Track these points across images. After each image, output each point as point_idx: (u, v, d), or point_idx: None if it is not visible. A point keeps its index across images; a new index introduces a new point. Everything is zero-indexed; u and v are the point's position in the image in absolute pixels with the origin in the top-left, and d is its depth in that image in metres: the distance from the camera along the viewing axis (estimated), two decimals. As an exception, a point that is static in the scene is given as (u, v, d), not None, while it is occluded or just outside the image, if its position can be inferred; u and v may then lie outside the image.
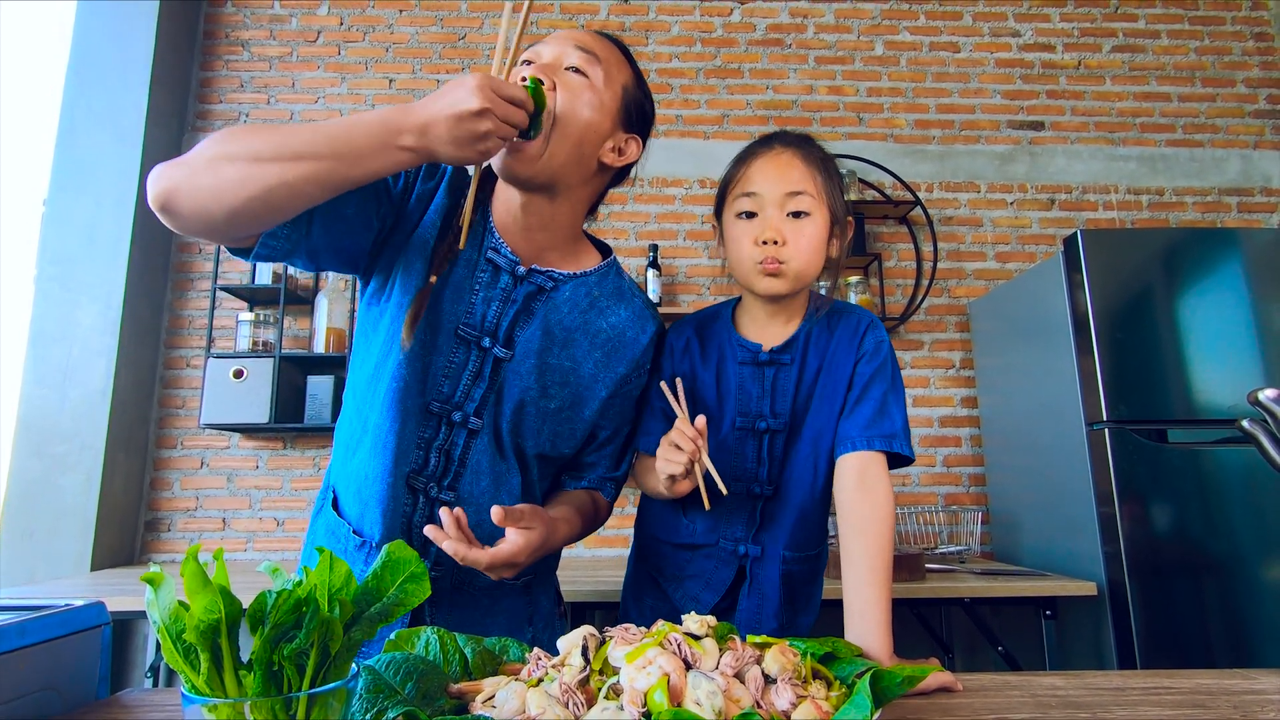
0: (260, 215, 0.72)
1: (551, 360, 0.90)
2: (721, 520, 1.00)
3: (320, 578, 0.50)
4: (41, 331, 2.40)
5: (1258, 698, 0.71)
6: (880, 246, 2.80)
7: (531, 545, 0.78)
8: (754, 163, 0.96)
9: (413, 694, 0.57)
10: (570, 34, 0.89)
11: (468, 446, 0.88)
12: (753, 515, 0.99)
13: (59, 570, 2.27)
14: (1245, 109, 2.95)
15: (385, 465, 0.85)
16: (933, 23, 2.97)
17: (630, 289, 0.98)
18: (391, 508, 0.86)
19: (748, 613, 1.00)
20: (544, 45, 0.88)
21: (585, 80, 0.85)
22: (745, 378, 1.00)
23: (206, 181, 0.69)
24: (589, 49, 0.86)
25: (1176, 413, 1.95)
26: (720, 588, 1.00)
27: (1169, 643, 1.82)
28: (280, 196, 0.70)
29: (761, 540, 0.99)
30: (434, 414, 0.87)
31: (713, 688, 0.53)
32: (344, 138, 0.71)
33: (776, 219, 0.93)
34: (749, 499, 0.99)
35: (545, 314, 0.90)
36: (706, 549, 1.01)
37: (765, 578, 1.00)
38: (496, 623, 0.92)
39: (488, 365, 0.88)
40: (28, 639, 0.66)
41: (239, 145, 0.70)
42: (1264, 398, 0.78)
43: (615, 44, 0.92)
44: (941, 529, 2.54)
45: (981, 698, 0.71)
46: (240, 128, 0.73)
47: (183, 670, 0.46)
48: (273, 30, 2.88)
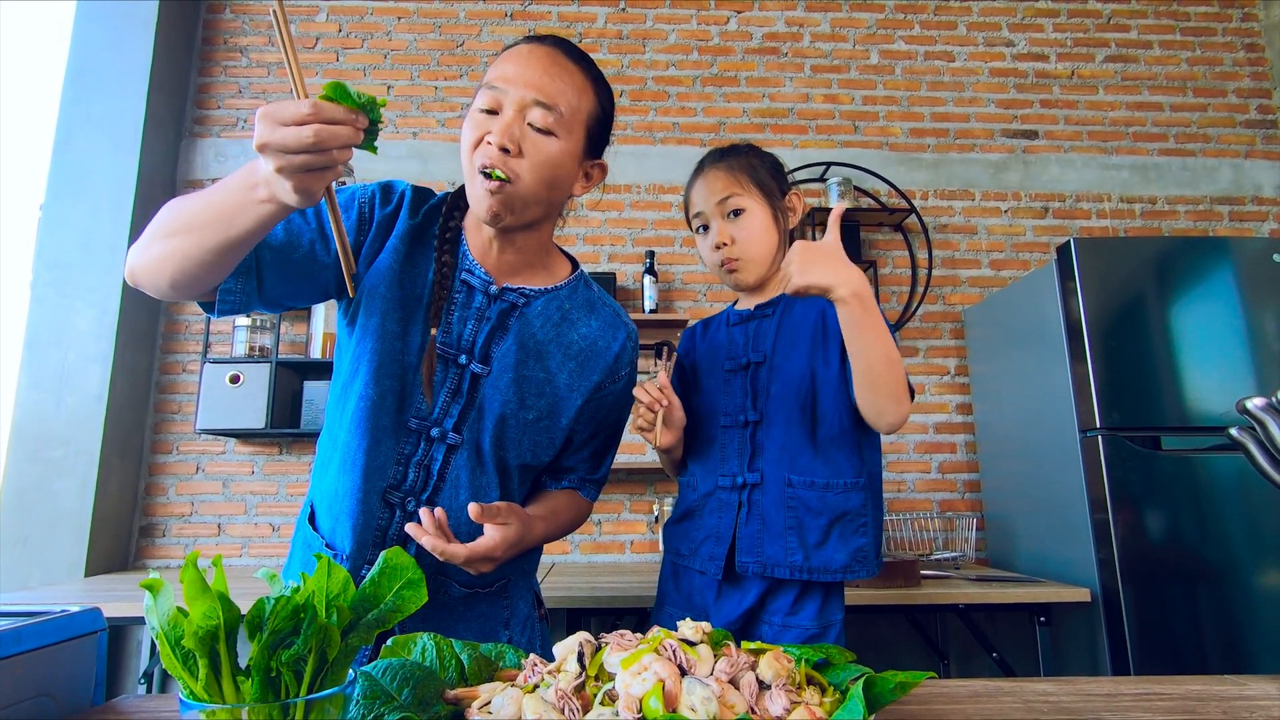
0: (189, 284, 0.77)
1: (527, 373, 0.92)
2: (716, 460, 1.09)
3: (318, 584, 0.51)
4: (37, 336, 2.40)
5: (1248, 704, 0.71)
6: (875, 254, 2.82)
7: (508, 540, 0.81)
8: (693, 186, 1.16)
9: (409, 700, 0.57)
10: (530, 78, 0.84)
11: (447, 461, 0.90)
12: (744, 445, 1.08)
13: (54, 576, 2.26)
14: (1236, 119, 2.98)
15: (354, 481, 0.87)
16: (928, 32, 3.00)
17: (600, 299, 1.01)
18: (362, 522, 0.87)
19: (747, 539, 1.04)
20: (506, 89, 0.84)
21: (550, 139, 0.85)
22: (735, 334, 1.16)
23: (144, 260, 0.77)
24: (550, 103, 0.84)
25: (1170, 420, 1.96)
26: (726, 533, 1.06)
27: (1163, 649, 1.83)
28: (189, 268, 0.75)
29: (759, 467, 1.06)
30: (412, 430, 0.89)
31: (707, 693, 0.53)
32: (216, 201, 0.72)
33: (720, 225, 1.11)
34: (740, 429, 1.09)
35: (519, 329, 0.93)
36: (709, 502, 1.09)
37: (766, 502, 1.05)
38: (470, 628, 0.92)
39: (465, 381, 0.90)
40: (23, 645, 0.66)
41: (158, 223, 0.76)
42: (1252, 406, 0.78)
43: (577, 64, 0.88)
44: (937, 535, 2.55)
45: (974, 704, 0.71)
46: (170, 202, 0.77)
47: (181, 676, 0.47)
48: (271, 36, 2.88)
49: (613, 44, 2.91)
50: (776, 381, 1.08)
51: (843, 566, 1.03)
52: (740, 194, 1.10)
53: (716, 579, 1.07)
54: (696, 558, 1.09)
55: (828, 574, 1.02)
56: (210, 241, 0.73)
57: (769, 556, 1.03)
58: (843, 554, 1.03)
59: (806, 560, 1.02)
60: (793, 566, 1.02)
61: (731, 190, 1.10)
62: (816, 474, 1.05)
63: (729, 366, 1.13)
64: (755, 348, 1.12)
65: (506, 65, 0.85)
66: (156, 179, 2.64)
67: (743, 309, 1.18)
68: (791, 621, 1.03)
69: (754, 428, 1.08)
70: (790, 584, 1.04)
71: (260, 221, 0.71)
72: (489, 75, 0.86)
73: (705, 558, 1.08)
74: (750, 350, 1.12)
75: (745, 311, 1.17)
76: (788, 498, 1.04)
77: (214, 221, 0.72)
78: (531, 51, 0.86)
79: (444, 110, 2.86)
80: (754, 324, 1.15)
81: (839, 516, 1.04)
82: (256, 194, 0.69)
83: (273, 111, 0.64)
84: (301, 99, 0.65)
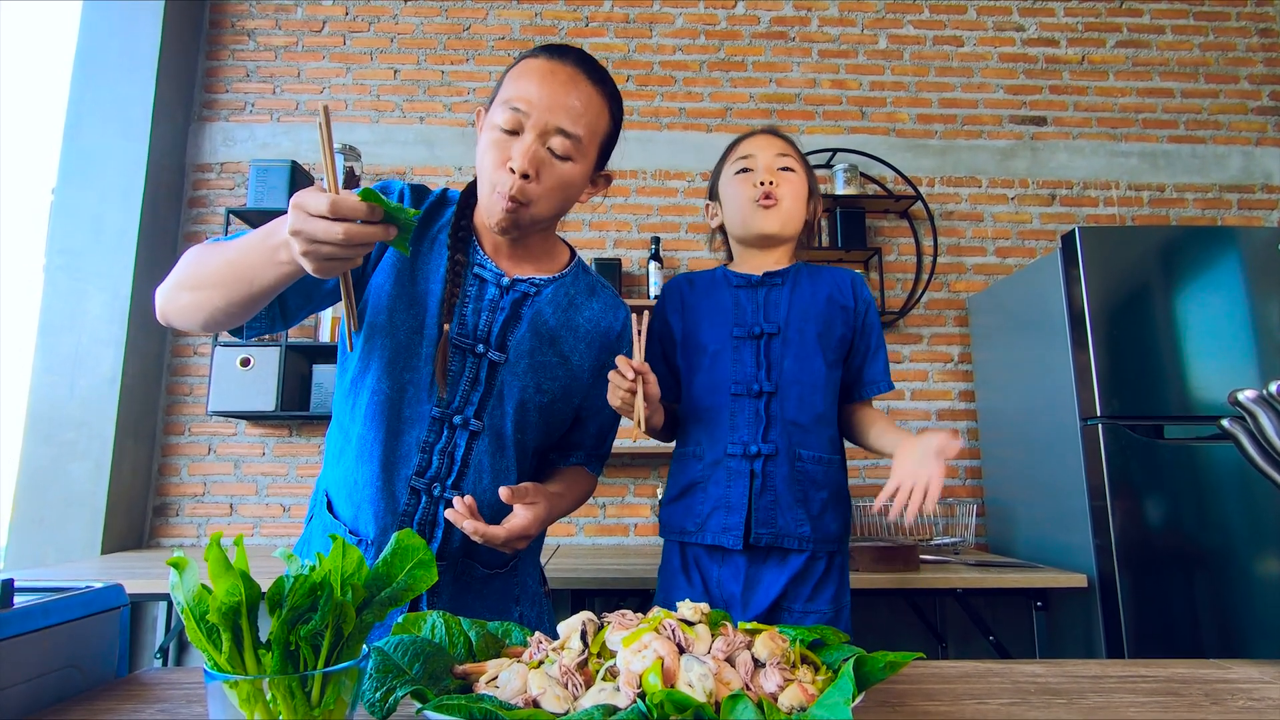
0: (219, 327, 0.84)
1: (542, 359, 0.97)
2: (725, 429, 1.10)
3: (334, 563, 0.53)
4: (51, 320, 2.43)
5: (1229, 686, 0.74)
6: (881, 241, 2.82)
7: (539, 518, 0.88)
8: (748, 140, 1.19)
9: (420, 674, 0.60)
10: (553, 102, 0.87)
11: (469, 448, 0.93)
12: (757, 415, 1.09)
13: (69, 555, 2.31)
14: (1248, 105, 2.96)
15: (374, 471, 0.91)
16: (937, 16, 2.97)
17: (598, 282, 1.06)
18: (385, 508, 0.91)
19: (763, 510, 1.07)
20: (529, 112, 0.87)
21: (568, 164, 0.90)
22: (740, 298, 1.16)
23: (175, 307, 0.83)
24: (572, 131, 0.88)
25: (1172, 409, 1.97)
26: (739, 503, 1.07)
27: (1157, 634, 1.86)
28: (218, 317, 0.81)
29: (772, 439, 1.08)
30: (435, 419, 0.92)
31: (704, 671, 0.55)
32: (239, 261, 0.77)
33: (770, 167, 1.14)
34: (753, 399, 1.10)
35: (532, 317, 0.97)
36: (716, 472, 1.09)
37: (777, 474, 1.07)
38: (487, 605, 0.97)
39: (483, 370, 0.94)
40: (51, 619, 0.69)
41: (184, 273, 0.82)
42: (1243, 398, 0.80)
43: (596, 85, 0.91)
44: (937, 520, 2.58)
45: (963, 684, 0.74)
46: (193, 251, 0.83)
47: (205, 649, 0.49)
48: (278, 20, 2.88)
49: (619, 28, 2.90)
50: (790, 356, 1.10)
51: (837, 536, 1.10)
52: (793, 160, 1.16)
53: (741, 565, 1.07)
54: (706, 531, 1.09)
55: (827, 544, 1.08)
56: (235, 296, 0.79)
57: (781, 527, 1.07)
58: (836, 525, 1.10)
59: (814, 532, 1.07)
60: (801, 538, 1.07)
61: (789, 152, 1.17)
62: (821, 449, 1.10)
63: (739, 334, 1.13)
64: (768, 317, 1.13)
65: (528, 85, 0.87)
66: (166, 163, 2.66)
67: (746, 273, 1.17)
68: (810, 608, 1.07)
69: (768, 399, 1.09)
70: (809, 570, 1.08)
71: (281, 280, 0.77)
72: (510, 92, 0.88)
73: (718, 530, 1.08)
74: (763, 319, 1.12)
75: (753, 277, 1.16)
76: (798, 471, 1.08)
77: (238, 280, 0.78)
78: (554, 72, 0.88)
79: (451, 95, 2.86)
80: (763, 291, 1.15)
81: (836, 490, 1.11)
82: (278, 256, 0.74)
83: (304, 202, 0.68)
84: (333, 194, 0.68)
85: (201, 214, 2.75)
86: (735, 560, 1.08)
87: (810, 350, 1.11)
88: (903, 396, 2.73)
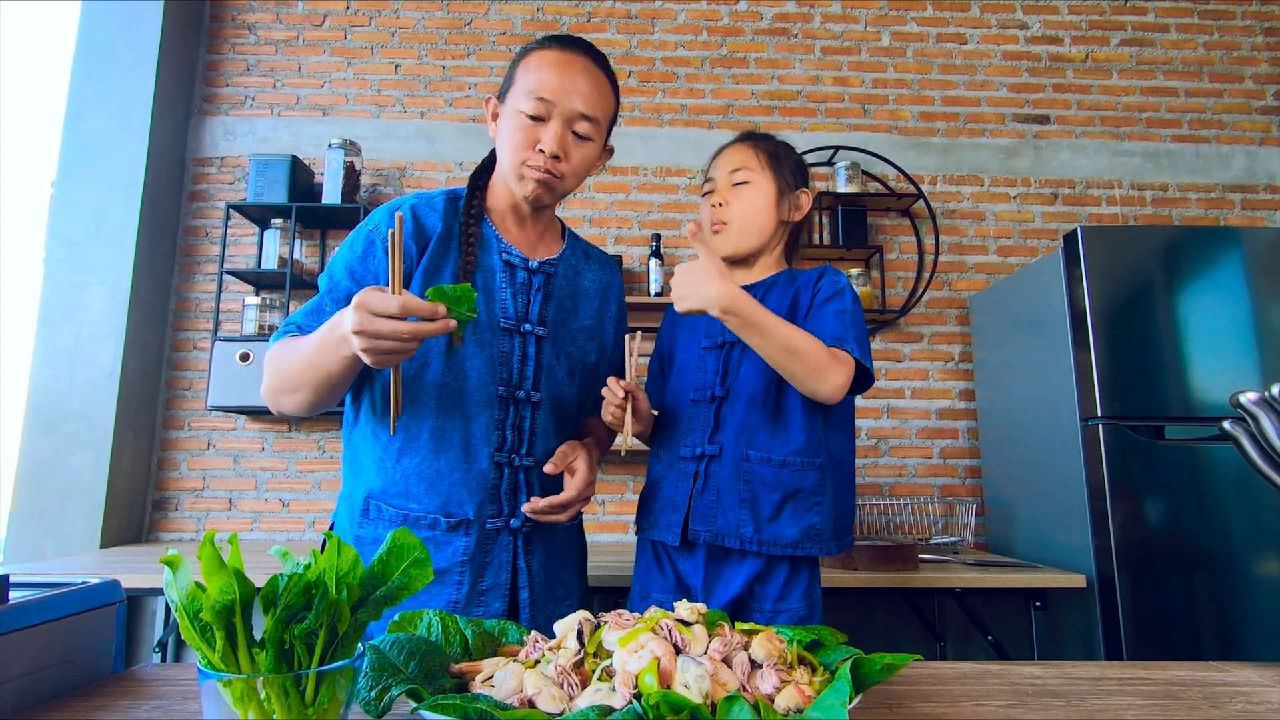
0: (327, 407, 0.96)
1: (574, 325, 1.10)
2: (681, 432, 1.15)
3: (329, 562, 0.53)
4: (50, 313, 2.43)
5: (1228, 689, 0.73)
6: (882, 239, 2.81)
7: (590, 473, 1.02)
8: (714, 160, 1.24)
9: (415, 673, 0.60)
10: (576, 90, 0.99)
11: (534, 418, 1.04)
12: (708, 419, 1.13)
13: (68, 548, 2.31)
14: (1253, 105, 2.94)
15: (458, 456, 0.99)
16: (940, 14, 2.96)
17: (589, 247, 1.20)
18: (477, 485, 0.99)
19: (702, 509, 1.08)
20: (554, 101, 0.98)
21: (589, 144, 1.03)
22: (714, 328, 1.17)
23: (284, 409, 0.97)
24: (593, 115, 1.01)
25: (1174, 409, 1.96)
26: (682, 503, 1.11)
27: (1156, 635, 1.86)
28: (319, 406, 0.95)
29: (719, 440, 1.11)
30: (502, 398, 1.01)
31: (701, 672, 0.55)
32: (313, 361, 0.89)
33: (724, 188, 1.19)
34: (708, 404, 1.14)
35: (557, 291, 1.09)
36: (670, 473, 1.15)
37: (720, 474, 1.09)
38: (565, 562, 1.10)
39: (530, 346, 1.04)
40: (47, 615, 0.69)
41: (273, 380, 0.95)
42: (1245, 400, 0.80)
43: (604, 72, 1.04)
44: (937, 520, 2.57)
45: (961, 685, 0.73)
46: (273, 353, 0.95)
47: (199, 647, 0.49)
48: (279, 14, 2.87)
49: (621, 23, 2.89)
50: (746, 361, 1.12)
51: (793, 542, 1.05)
52: (752, 170, 1.18)
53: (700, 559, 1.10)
54: (655, 528, 1.14)
55: (777, 548, 1.05)
56: (323, 391, 0.92)
57: (720, 526, 1.07)
58: (794, 530, 1.06)
59: (757, 533, 1.05)
60: (743, 538, 1.05)
61: (744, 164, 1.18)
62: (774, 450, 1.08)
63: (705, 344, 1.18)
64: None
65: (550, 75, 0.98)
66: (166, 157, 2.65)
67: None
68: (782, 606, 1.07)
69: (719, 403, 1.13)
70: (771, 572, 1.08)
71: (351, 370, 0.88)
72: (532, 83, 0.98)
73: (663, 527, 1.12)
74: (727, 330, 1.11)
75: None
76: (744, 472, 1.08)
77: (318, 378, 0.90)
78: (571, 63, 1.00)
79: (452, 90, 2.85)
80: None
81: (793, 493, 1.06)
82: (342, 350, 0.84)
83: (369, 302, 0.76)
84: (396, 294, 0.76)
85: (202, 208, 2.75)
86: (698, 554, 1.11)
87: None
88: (903, 395, 2.73)
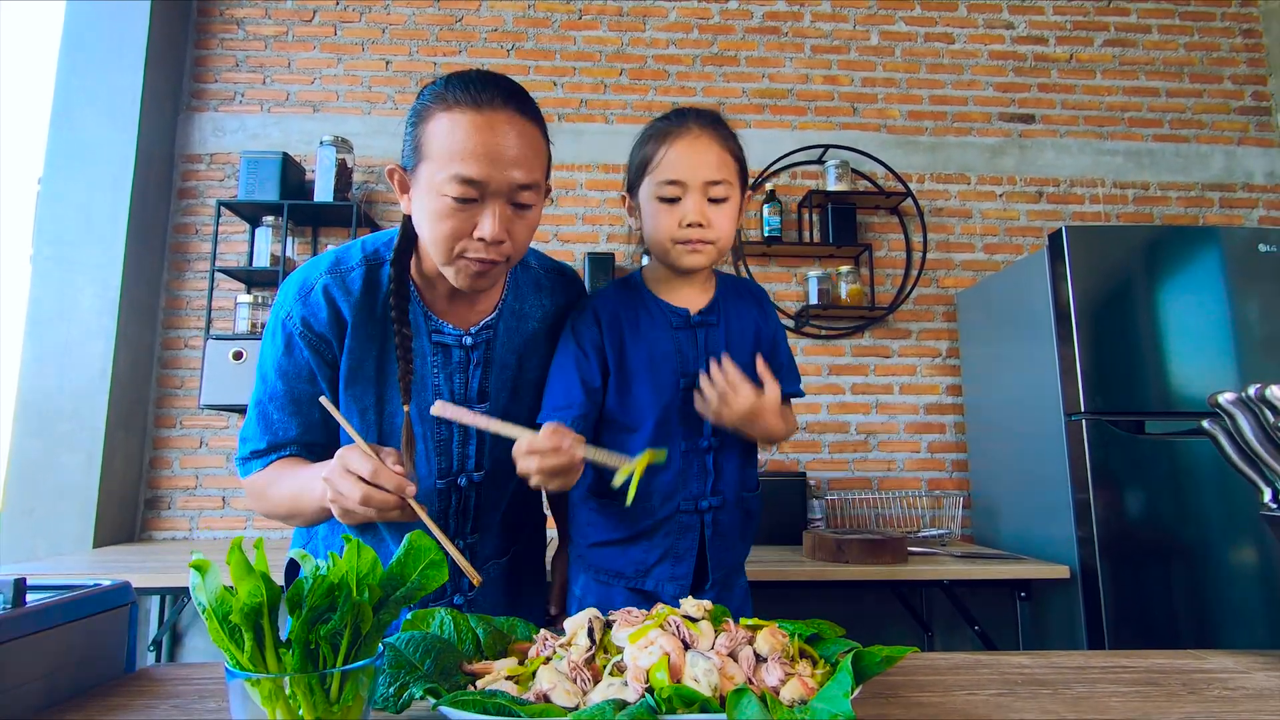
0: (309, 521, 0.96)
1: (521, 381, 1.03)
2: (677, 484, 1.03)
3: (350, 564, 0.55)
4: (40, 312, 2.41)
5: (1206, 676, 0.77)
6: (871, 236, 2.85)
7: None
8: (674, 147, 0.99)
9: (431, 670, 0.62)
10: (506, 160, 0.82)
11: (479, 494, 1.01)
12: (704, 468, 1.04)
13: (60, 547, 2.31)
14: (1231, 105, 3.00)
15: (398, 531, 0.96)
16: (928, 13, 2.99)
17: (540, 275, 1.06)
18: None
19: (715, 556, 1.06)
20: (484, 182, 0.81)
21: (532, 210, 0.87)
22: (681, 341, 1.06)
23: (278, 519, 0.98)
24: (531, 182, 0.84)
25: (1154, 404, 2.01)
26: (687, 553, 1.04)
27: (1137, 623, 1.91)
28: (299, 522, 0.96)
29: (720, 490, 1.05)
30: (441, 490, 0.98)
31: (709, 666, 0.58)
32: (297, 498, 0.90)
33: (699, 204, 0.98)
34: (699, 454, 1.04)
35: (500, 355, 1.00)
36: (668, 525, 1.04)
37: (728, 523, 1.07)
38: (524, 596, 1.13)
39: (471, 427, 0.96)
40: (64, 617, 0.70)
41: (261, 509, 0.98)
42: (1223, 400, 0.83)
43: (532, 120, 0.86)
44: (924, 513, 2.62)
45: (953, 675, 0.76)
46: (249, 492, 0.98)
47: (227, 648, 0.51)
48: (268, 9, 2.85)
49: (613, 21, 2.89)
50: None
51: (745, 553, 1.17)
52: (731, 182, 1.00)
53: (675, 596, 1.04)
54: (649, 578, 1.05)
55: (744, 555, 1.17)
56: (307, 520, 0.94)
57: (727, 562, 1.10)
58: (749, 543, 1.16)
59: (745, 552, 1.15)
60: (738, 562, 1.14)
61: (723, 174, 0.99)
62: (751, 483, 1.13)
63: (684, 384, 1.03)
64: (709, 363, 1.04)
65: (473, 146, 0.80)
66: (155, 153, 2.63)
67: (680, 307, 1.07)
68: None
69: (715, 453, 1.05)
70: None
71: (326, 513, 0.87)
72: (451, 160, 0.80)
73: (663, 579, 1.04)
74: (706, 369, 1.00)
75: (685, 313, 1.07)
76: (743, 513, 1.10)
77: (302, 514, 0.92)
78: (494, 125, 0.81)
79: (443, 87, 2.85)
80: (701, 333, 1.07)
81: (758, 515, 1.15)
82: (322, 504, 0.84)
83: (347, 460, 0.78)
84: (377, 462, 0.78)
85: (191, 205, 2.73)
86: None
87: None
88: (891, 390, 2.77)
